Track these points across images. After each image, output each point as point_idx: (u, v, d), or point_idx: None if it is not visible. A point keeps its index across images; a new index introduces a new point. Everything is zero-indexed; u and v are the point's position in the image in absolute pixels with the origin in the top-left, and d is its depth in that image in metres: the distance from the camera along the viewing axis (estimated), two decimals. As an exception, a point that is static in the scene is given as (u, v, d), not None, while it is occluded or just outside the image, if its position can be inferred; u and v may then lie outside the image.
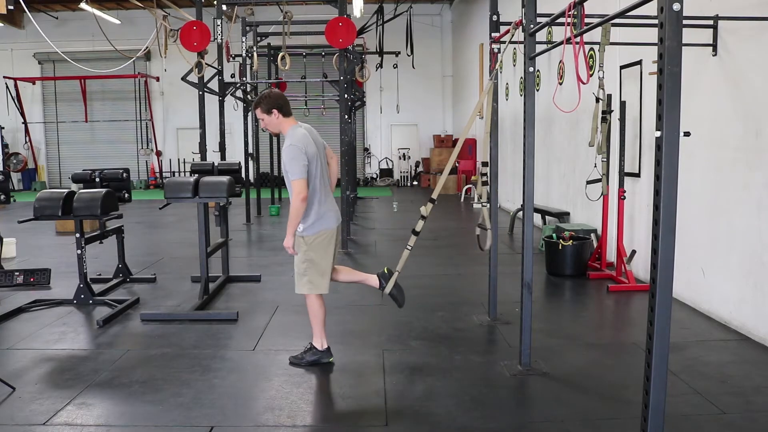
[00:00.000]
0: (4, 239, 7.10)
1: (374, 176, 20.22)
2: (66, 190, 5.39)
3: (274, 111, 3.83)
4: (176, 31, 9.50)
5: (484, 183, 4.44)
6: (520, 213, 3.94)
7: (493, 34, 4.57)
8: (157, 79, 19.59)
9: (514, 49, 10.73)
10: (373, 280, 4.15)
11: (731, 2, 4.57)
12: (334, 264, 4.02)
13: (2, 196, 5.55)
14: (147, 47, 13.99)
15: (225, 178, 5.37)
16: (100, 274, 6.53)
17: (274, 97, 3.86)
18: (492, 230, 4.79)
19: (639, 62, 6.04)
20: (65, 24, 18.95)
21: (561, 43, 3.18)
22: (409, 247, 4.09)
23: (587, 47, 6.12)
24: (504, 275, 5.32)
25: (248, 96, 11.32)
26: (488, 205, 4.40)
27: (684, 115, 2.24)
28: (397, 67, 16.61)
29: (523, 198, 3.89)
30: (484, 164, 4.50)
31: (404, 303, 4.20)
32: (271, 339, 4.58)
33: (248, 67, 11.31)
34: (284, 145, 3.78)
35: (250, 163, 12.28)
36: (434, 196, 4.03)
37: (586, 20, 3.18)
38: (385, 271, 4.15)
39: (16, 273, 6.22)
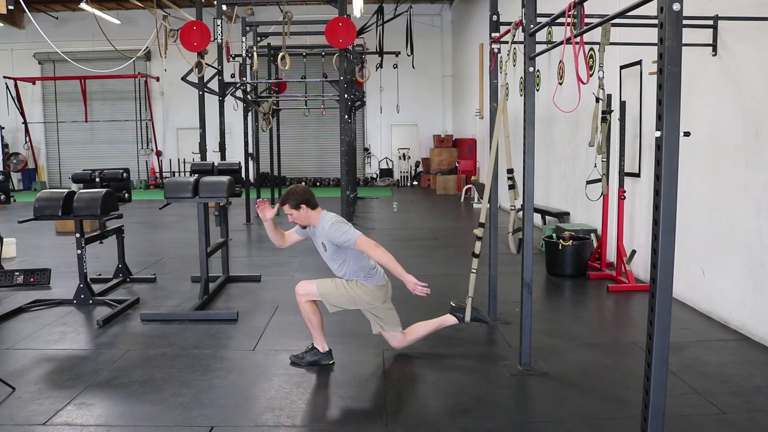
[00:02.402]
0: (4, 239, 7.10)
1: (374, 176, 20.22)
2: (66, 190, 5.38)
3: (303, 206, 3.87)
4: (176, 31, 9.50)
5: (511, 187, 4.48)
6: (520, 213, 3.94)
7: (493, 34, 4.58)
8: (157, 79, 19.59)
9: (515, 49, 10.73)
10: (450, 319, 4.24)
11: (731, 2, 4.57)
12: (396, 326, 4.11)
13: (2, 196, 5.55)
14: (147, 47, 13.97)
15: (225, 178, 5.37)
16: (100, 274, 6.52)
17: (300, 192, 3.89)
18: (492, 230, 4.80)
19: (639, 62, 6.04)
20: (65, 24, 18.95)
21: (561, 43, 3.18)
22: (474, 270, 4.24)
23: (587, 47, 6.12)
24: (504, 275, 5.32)
25: (248, 96, 11.32)
26: (515, 209, 4.45)
27: (684, 115, 2.24)
28: (397, 67, 16.61)
29: (523, 198, 3.90)
30: (510, 170, 4.52)
31: (489, 319, 4.40)
32: (271, 339, 4.58)
33: (248, 67, 11.31)
34: (325, 228, 3.82)
35: (250, 163, 12.28)
36: (482, 220, 4.22)
37: (586, 20, 3.18)
38: (453, 305, 4.26)
39: (16, 273, 6.22)
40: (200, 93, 9.43)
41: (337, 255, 3.89)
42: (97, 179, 6.20)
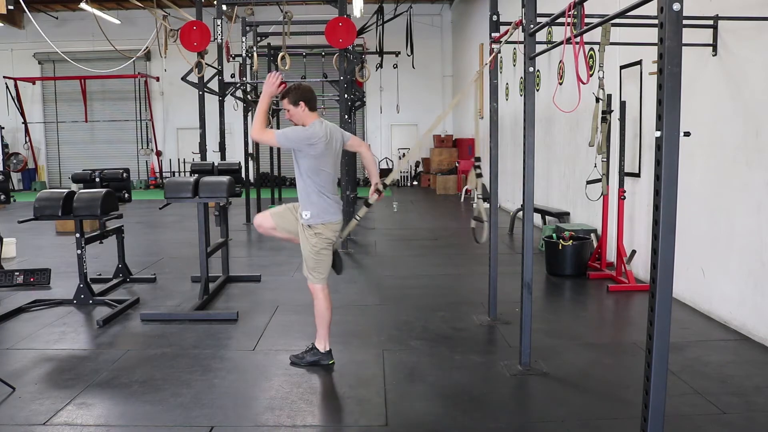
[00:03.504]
0: (4, 239, 7.10)
1: (374, 176, 20.20)
2: (66, 190, 5.38)
3: (302, 103, 3.87)
4: (176, 31, 9.50)
5: (478, 176, 4.48)
6: (520, 213, 3.94)
7: (493, 34, 4.58)
8: (157, 79, 19.59)
9: (514, 49, 10.73)
10: None
11: (731, 2, 4.57)
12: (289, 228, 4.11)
13: (2, 196, 5.55)
14: (147, 47, 13.99)
15: (225, 178, 5.37)
16: (100, 274, 6.52)
17: (303, 89, 3.90)
18: (491, 230, 4.80)
19: (639, 62, 6.04)
20: (65, 24, 18.95)
21: (561, 43, 3.18)
22: (358, 218, 4.36)
23: (587, 47, 6.12)
24: (504, 275, 5.32)
25: (248, 96, 11.32)
26: (482, 197, 4.47)
27: (684, 115, 2.24)
28: (397, 67, 16.61)
29: (523, 198, 3.89)
30: (477, 159, 4.54)
31: (342, 271, 4.22)
32: (271, 339, 4.58)
33: (248, 67, 11.31)
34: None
35: (250, 163, 12.27)
36: (387, 181, 4.25)
37: (586, 20, 3.18)
38: None
39: (16, 273, 6.22)
40: (200, 93, 9.42)
41: (295, 162, 3.87)
42: (97, 179, 6.20)
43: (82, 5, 13.03)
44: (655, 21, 2.16)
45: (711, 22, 4.69)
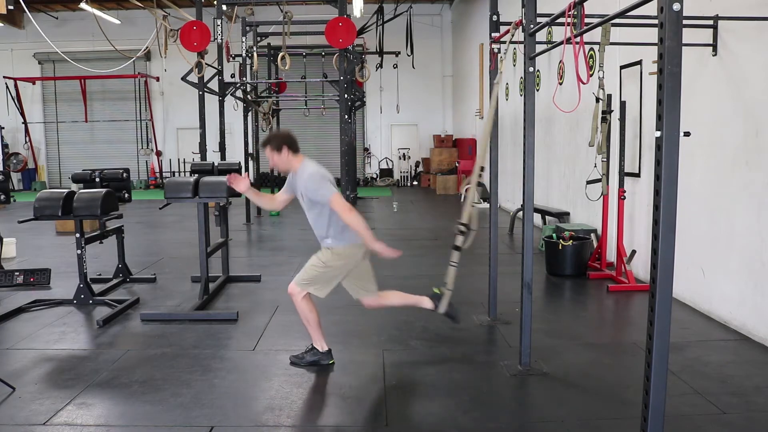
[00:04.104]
0: (4, 239, 7.10)
1: (374, 176, 20.22)
2: (66, 190, 5.38)
3: (284, 147, 3.81)
4: (176, 31, 9.51)
5: (479, 184, 4.48)
6: (520, 213, 3.94)
7: (493, 34, 4.58)
8: (157, 79, 19.59)
9: (515, 49, 10.73)
10: (427, 302, 4.23)
11: (731, 2, 4.57)
12: (373, 285, 4.08)
13: (2, 196, 5.56)
14: (147, 47, 13.98)
15: (225, 178, 5.37)
16: (100, 274, 6.52)
17: (282, 135, 3.87)
18: (492, 230, 4.81)
19: (639, 62, 6.04)
20: (65, 24, 18.95)
21: (561, 43, 3.18)
22: (454, 264, 4.12)
23: (587, 47, 6.12)
24: (504, 275, 5.32)
25: (248, 96, 11.32)
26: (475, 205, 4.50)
27: (684, 115, 2.24)
28: (397, 67, 16.62)
29: (523, 198, 3.90)
30: (482, 169, 4.52)
31: (460, 319, 4.37)
32: (271, 339, 4.58)
33: (248, 67, 11.32)
34: (303, 177, 3.76)
35: (250, 163, 12.28)
36: (465, 220, 4.11)
37: (586, 20, 3.18)
38: (436, 291, 4.24)
39: (16, 273, 6.22)
40: (200, 93, 9.43)
41: (314, 205, 3.81)
42: (97, 179, 6.20)
43: (82, 5, 13.02)
44: (655, 21, 2.16)
45: (711, 22, 4.69)
